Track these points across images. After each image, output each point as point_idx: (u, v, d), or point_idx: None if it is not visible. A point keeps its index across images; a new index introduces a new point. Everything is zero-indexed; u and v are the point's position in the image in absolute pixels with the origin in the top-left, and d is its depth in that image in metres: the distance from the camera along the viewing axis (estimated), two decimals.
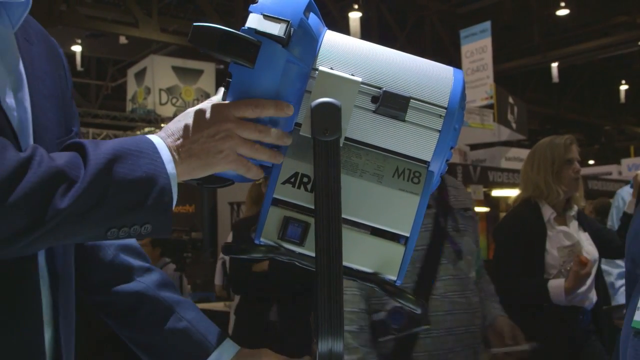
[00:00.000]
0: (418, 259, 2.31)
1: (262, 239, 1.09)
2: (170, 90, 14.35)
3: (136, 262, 1.42)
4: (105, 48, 15.39)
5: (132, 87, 15.23)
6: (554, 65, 15.17)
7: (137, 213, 1.00)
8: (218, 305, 6.83)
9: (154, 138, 1.06)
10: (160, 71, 14.29)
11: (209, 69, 14.69)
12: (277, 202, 1.09)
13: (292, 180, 1.09)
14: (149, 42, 13.81)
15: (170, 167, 1.03)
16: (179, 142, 1.06)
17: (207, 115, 1.07)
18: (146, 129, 14.87)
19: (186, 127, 1.07)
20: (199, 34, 1.02)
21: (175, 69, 14.36)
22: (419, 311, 1.11)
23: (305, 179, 1.09)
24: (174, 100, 14.35)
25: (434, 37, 14.61)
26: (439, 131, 1.07)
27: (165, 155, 1.04)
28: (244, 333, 4.38)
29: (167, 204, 1.02)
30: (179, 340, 1.33)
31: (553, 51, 14.93)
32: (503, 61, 14.21)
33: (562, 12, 14.24)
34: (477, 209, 15.10)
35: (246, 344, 1.37)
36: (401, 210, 1.08)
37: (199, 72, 14.54)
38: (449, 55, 13.55)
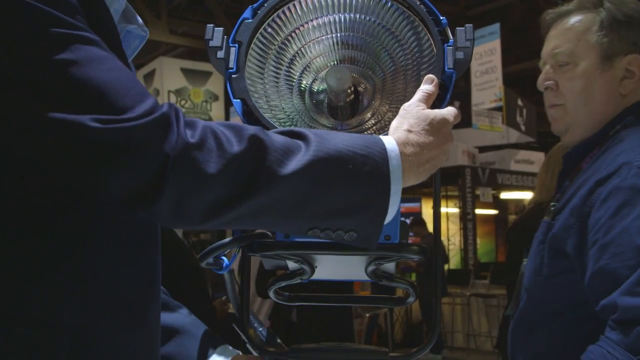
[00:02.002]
0: None
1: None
2: (179, 92, 14.37)
3: None
4: None
5: None
6: None
7: (347, 217, 0.99)
8: None
9: (388, 143, 1.02)
10: (169, 73, 14.32)
11: None
12: None
13: None
14: (158, 44, 13.84)
15: (395, 176, 1.00)
16: (411, 150, 1.04)
17: (436, 123, 1.06)
18: None
19: (419, 134, 1.05)
20: None
21: (184, 71, 14.39)
22: (425, 258, 1.13)
23: None
24: (183, 102, 14.38)
25: None
26: None
27: (395, 163, 1.01)
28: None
29: (378, 216, 1.00)
30: None
31: None
32: (512, 63, 14.16)
33: None
34: (486, 211, 15.06)
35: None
36: None
37: (207, 74, 14.56)
38: None
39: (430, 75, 1.09)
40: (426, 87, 1.08)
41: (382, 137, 1.01)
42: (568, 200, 1.60)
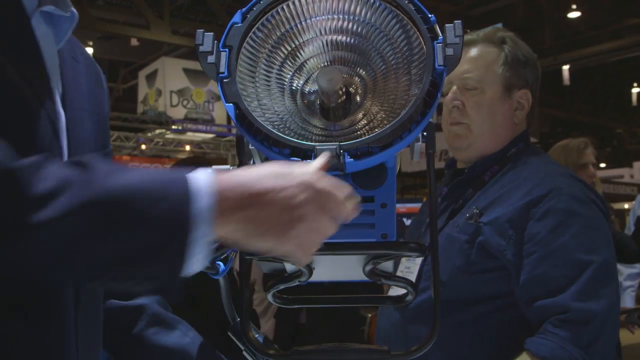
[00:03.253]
0: None
1: None
2: (181, 92, 14.40)
3: None
4: (116, 50, 15.47)
5: (143, 89, 15.30)
6: (566, 67, 15.12)
7: (135, 267, 0.87)
8: None
9: (203, 180, 0.89)
10: (171, 73, 14.35)
11: None
12: None
13: None
14: (160, 44, 13.86)
15: (202, 219, 0.87)
16: (238, 195, 0.90)
17: (298, 182, 0.93)
18: (157, 131, 14.92)
19: (260, 181, 0.91)
20: None
21: (186, 71, 14.41)
22: (423, 256, 1.13)
23: None
24: (185, 102, 14.40)
25: None
26: None
27: (203, 205, 0.87)
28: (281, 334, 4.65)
29: (173, 266, 0.87)
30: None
31: (564, 54, 14.88)
32: None
33: (574, 14, 14.19)
34: None
35: (281, 342, 1.38)
36: None
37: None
38: None
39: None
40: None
41: (199, 174, 0.91)
42: (493, 210, 1.84)
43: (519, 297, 1.77)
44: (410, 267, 1.95)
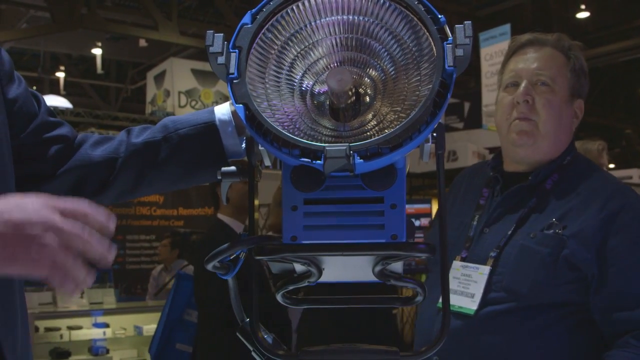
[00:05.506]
0: None
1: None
2: (189, 93, 14.40)
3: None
4: (125, 51, 15.49)
5: (151, 90, 15.31)
6: None
7: None
8: None
9: None
10: (179, 74, 14.35)
11: None
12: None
13: None
14: (169, 45, 13.87)
15: None
16: None
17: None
18: None
19: None
20: None
21: (195, 72, 14.41)
22: (433, 256, 1.12)
23: None
24: (193, 103, 14.40)
25: None
26: None
27: None
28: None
29: None
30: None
31: None
32: None
33: (582, 14, 14.13)
34: None
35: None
36: None
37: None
38: None
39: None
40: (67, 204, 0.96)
41: None
42: (572, 222, 1.86)
43: (594, 307, 1.83)
44: (472, 275, 1.94)
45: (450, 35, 1.09)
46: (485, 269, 1.91)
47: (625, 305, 1.76)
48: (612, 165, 20.24)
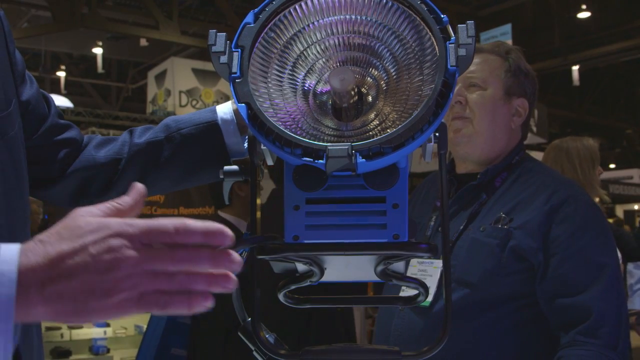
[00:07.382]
0: None
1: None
2: (190, 93, 14.41)
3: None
4: (126, 50, 15.51)
5: (152, 89, 15.32)
6: (575, 68, 15.06)
7: None
8: None
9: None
10: (180, 73, 14.36)
11: None
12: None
13: None
14: (169, 44, 13.89)
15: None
16: (36, 263, 0.77)
17: (84, 231, 0.81)
18: None
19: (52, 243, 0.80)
20: None
21: (195, 71, 14.42)
22: (436, 256, 1.13)
23: None
24: (194, 103, 14.41)
25: None
26: None
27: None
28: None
29: None
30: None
31: (574, 54, 14.82)
32: None
33: (584, 14, 14.14)
34: None
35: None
36: None
37: (218, 75, 14.61)
38: None
39: (138, 186, 0.91)
40: (124, 199, 0.88)
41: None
42: (519, 215, 1.96)
43: (540, 296, 1.91)
44: (428, 270, 2.00)
45: (453, 35, 1.09)
46: (439, 263, 2.00)
47: (567, 291, 1.84)
48: (612, 165, 20.28)
